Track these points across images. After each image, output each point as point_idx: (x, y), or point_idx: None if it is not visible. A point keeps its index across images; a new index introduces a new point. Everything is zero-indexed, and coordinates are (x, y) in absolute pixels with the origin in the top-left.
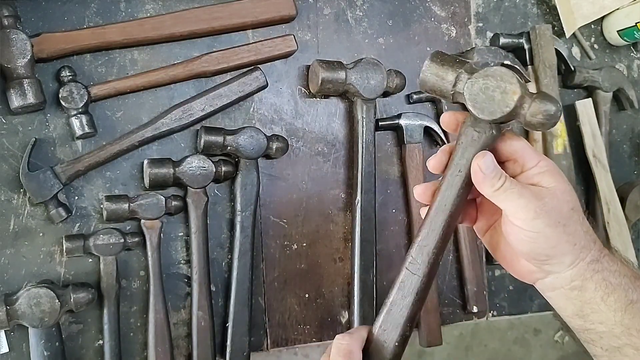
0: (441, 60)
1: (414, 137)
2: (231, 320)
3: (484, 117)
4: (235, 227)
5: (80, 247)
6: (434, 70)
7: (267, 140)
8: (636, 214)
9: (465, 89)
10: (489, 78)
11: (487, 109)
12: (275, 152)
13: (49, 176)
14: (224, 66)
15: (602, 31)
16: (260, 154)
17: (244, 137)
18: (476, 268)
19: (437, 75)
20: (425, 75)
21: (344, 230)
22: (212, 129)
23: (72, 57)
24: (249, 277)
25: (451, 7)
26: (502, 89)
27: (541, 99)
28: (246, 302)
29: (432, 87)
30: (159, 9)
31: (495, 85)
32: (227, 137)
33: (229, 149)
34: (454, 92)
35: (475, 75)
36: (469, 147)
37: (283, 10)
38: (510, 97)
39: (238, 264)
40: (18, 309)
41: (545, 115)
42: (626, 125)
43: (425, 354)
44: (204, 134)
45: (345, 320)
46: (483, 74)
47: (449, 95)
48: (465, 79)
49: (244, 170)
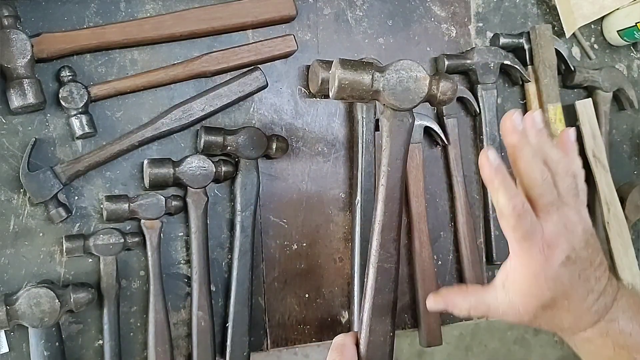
0: (351, 66)
1: (414, 137)
2: (231, 320)
3: (405, 107)
4: (235, 227)
5: (80, 247)
6: (350, 75)
7: (267, 140)
8: (636, 214)
9: (382, 86)
10: (400, 71)
11: (407, 99)
12: (275, 152)
13: (49, 176)
14: (224, 66)
15: (602, 31)
16: (260, 154)
17: (244, 137)
18: (476, 268)
19: (354, 80)
20: (343, 82)
21: (344, 230)
22: (212, 129)
23: (72, 57)
24: (249, 277)
25: (451, 7)
26: (414, 78)
27: (445, 79)
28: (246, 302)
29: (351, 92)
30: (159, 9)
31: (407, 76)
32: (227, 137)
33: (229, 149)
34: (372, 91)
35: (388, 72)
36: (397, 136)
37: (283, 10)
38: (423, 83)
39: (238, 264)
40: (18, 309)
41: (452, 90)
42: (626, 125)
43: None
44: (204, 134)
45: (345, 320)
46: (393, 69)
47: (368, 96)
48: (380, 78)
49: (244, 170)
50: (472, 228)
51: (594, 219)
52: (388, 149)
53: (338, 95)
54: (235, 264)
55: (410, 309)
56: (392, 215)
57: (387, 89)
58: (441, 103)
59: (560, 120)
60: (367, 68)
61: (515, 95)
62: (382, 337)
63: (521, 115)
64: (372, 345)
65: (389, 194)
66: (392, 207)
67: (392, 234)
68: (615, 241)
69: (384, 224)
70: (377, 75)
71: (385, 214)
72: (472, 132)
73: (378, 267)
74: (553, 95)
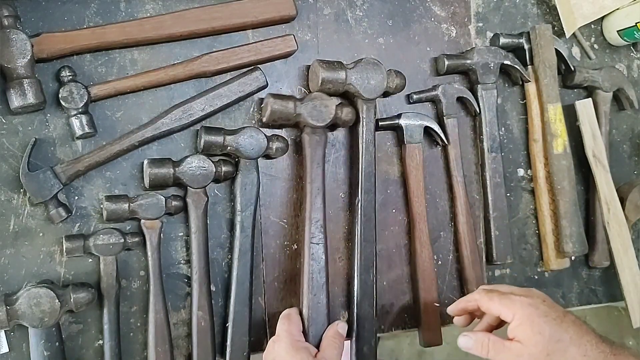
0: (280, 97)
1: (414, 137)
2: (231, 320)
3: (319, 124)
4: (235, 227)
5: (80, 247)
6: (279, 103)
7: (267, 140)
8: (636, 214)
9: (302, 111)
10: (314, 100)
11: (321, 119)
12: (275, 152)
13: (49, 176)
14: (224, 66)
15: (602, 31)
16: (260, 154)
17: (244, 137)
18: (476, 268)
19: (282, 106)
20: (274, 108)
21: (344, 230)
22: (212, 129)
23: (72, 57)
24: (248, 277)
25: (451, 7)
26: (325, 104)
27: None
28: (246, 302)
29: (280, 116)
30: (159, 9)
31: (320, 103)
32: (227, 137)
33: (228, 149)
34: (295, 115)
35: (305, 101)
36: (317, 147)
37: (283, 10)
38: (331, 108)
39: (238, 263)
40: (18, 309)
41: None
42: (626, 125)
43: (425, 354)
44: (204, 134)
45: (345, 320)
46: (309, 98)
47: (292, 118)
48: (300, 105)
49: (244, 170)
50: (472, 228)
51: (594, 219)
52: (309, 156)
53: (270, 118)
54: (235, 263)
55: (410, 309)
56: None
57: (306, 113)
58: (344, 124)
59: (560, 120)
60: (291, 98)
61: (515, 95)
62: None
63: None
64: (313, 312)
65: (314, 191)
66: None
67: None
68: (615, 241)
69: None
70: (298, 102)
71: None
72: (472, 132)
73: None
74: (553, 95)
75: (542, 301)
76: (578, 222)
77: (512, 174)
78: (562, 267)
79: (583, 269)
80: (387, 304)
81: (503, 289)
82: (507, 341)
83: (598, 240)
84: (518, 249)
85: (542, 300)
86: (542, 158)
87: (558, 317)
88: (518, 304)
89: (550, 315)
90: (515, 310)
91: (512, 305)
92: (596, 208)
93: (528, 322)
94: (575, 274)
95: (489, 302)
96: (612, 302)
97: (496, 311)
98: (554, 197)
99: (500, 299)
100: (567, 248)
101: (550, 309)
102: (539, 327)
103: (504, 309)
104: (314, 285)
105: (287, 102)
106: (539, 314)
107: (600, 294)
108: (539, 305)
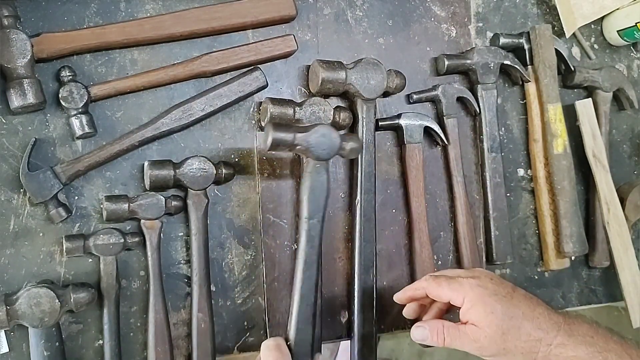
0: (278, 102)
1: (414, 137)
2: (293, 339)
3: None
4: (301, 236)
5: (80, 247)
6: (278, 109)
7: (340, 140)
8: (636, 214)
9: (301, 116)
10: (313, 105)
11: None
12: (349, 153)
13: (49, 176)
14: (224, 66)
15: (602, 31)
16: (332, 154)
17: (316, 135)
18: None
19: (281, 111)
20: (274, 114)
21: (344, 230)
22: (281, 126)
23: (72, 57)
24: (313, 293)
25: (451, 7)
26: (323, 109)
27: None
28: (309, 321)
29: (281, 147)
30: (159, 9)
31: (318, 108)
32: (298, 135)
33: (298, 148)
34: (295, 145)
35: (304, 107)
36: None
37: (283, 10)
38: (329, 112)
39: (302, 277)
40: (18, 309)
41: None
42: (626, 125)
43: (425, 354)
44: (272, 131)
45: (345, 320)
46: (308, 104)
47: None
48: (298, 110)
49: (313, 173)
50: (472, 228)
51: (594, 219)
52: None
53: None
54: (299, 276)
55: None
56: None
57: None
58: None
59: (560, 120)
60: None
61: (515, 95)
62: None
63: None
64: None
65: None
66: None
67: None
68: (615, 241)
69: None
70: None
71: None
72: (472, 132)
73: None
74: (553, 95)
75: (490, 279)
76: (578, 222)
77: (512, 174)
78: (562, 267)
79: (583, 269)
80: (387, 304)
81: (449, 273)
82: (462, 325)
83: (598, 240)
84: (518, 249)
85: (489, 278)
86: (542, 158)
87: (508, 293)
88: (467, 286)
89: (499, 293)
90: (465, 292)
91: (460, 288)
92: (596, 208)
93: (480, 303)
94: (575, 274)
95: (438, 288)
96: (612, 302)
97: (446, 297)
98: (554, 197)
99: (449, 284)
100: (567, 248)
101: (499, 286)
102: (490, 307)
103: (454, 293)
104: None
105: (286, 108)
106: (488, 294)
107: (600, 294)
108: (487, 284)
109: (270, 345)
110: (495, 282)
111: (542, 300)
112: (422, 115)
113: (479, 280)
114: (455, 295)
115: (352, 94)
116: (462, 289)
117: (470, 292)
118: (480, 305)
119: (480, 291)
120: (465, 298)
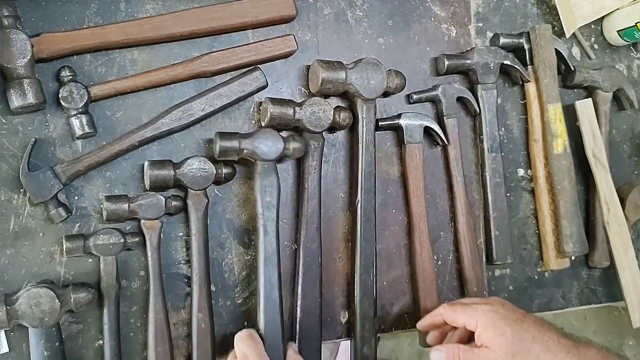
0: (279, 102)
1: (414, 137)
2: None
3: (318, 130)
4: (259, 231)
5: (80, 247)
6: (278, 109)
7: (283, 141)
8: (636, 214)
9: (301, 116)
10: (313, 105)
11: (319, 124)
12: (292, 153)
13: (49, 176)
14: (224, 66)
15: (602, 31)
16: (277, 155)
17: (260, 139)
18: (476, 268)
19: (281, 111)
20: (274, 114)
21: (344, 230)
22: (227, 134)
23: (72, 57)
24: (277, 282)
25: (451, 7)
26: (323, 109)
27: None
28: (277, 310)
29: (279, 122)
30: (159, 9)
31: (318, 108)
32: (243, 141)
33: (245, 152)
34: (294, 120)
35: (304, 107)
36: (315, 151)
37: (283, 10)
38: (329, 112)
39: (264, 268)
40: (18, 309)
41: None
42: (626, 125)
43: (425, 354)
44: (219, 140)
45: (345, 320)
46: (308, 104)
47: (291, 123)
48: (298, 110)
49: (262, 173)
50: (472, 228)
51: (594, 219)
52: (309, 161)
53: (270, 122)
54: (261, 268)
55: (410, 309)
56: None
57: (305, 118)
58: (340, 127)
59: (560, 120)
60: (289, 103)
61: (515, 95)
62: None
63: None
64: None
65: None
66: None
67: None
68: (615, 241)
69: None
70: (297, 108)
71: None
72: (472, 132)
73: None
74: (553, 95)
75: (502, 305)
76: (578, 222)
77: (512, 174)
78: (562, 267)
79: (583, 269)
80: (387, 304)
81: (466, 301)
82: (476, 348)
83: (598, 240)
84: (518, 249)
85: (501, 305)
86: (542, 158)
87: (518, 318)
88: (480, 311)
89: (510, 318)
90: (478, 317)
91: (474, 313)
92: (596, 208)
93: (491, 327)
94: (575, 274)
95: (454, 314)
96: (612, 302)
97: (461, 321)
98: (554, 197)
99: (464, 309)
100: (567, 248)
101: (510, 312)
102: (500, 330)
103: (468, 318)
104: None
105: (286, 108)
106: (499, 317)
107: (600, 294)
108: (499, 310)
109: (242, 335)
110: (507, 308)
111: (543, 301)
112: (422, 115)
113: (492, 306)
114: (469, 319)
115: (352, 94)
116: (475, 314)
117: (482, 316)
118: (491, 328)
119: (491, 315)
120: (478, 322)
